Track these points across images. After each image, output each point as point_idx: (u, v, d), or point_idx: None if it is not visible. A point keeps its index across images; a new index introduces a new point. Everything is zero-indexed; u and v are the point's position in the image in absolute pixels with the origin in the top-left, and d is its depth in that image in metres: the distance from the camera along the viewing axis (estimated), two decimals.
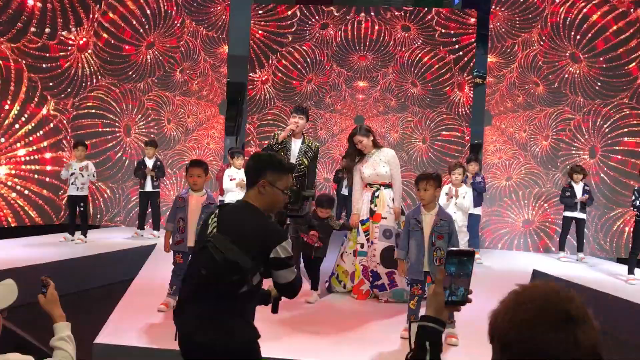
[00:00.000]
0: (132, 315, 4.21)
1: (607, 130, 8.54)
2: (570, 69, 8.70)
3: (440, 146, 9.45)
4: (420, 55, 9.41)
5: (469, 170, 7.12)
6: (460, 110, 9.38)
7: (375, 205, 5.11)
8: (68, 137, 8.58)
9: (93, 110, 8.87)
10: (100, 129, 8.93)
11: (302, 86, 9.61)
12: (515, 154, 9.00)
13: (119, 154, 9.00)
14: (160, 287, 4.69)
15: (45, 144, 8.32)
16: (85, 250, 6.65)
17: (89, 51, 8.79)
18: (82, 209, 7.21)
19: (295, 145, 5.13)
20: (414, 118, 9.47)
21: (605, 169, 8.48)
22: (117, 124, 9.04)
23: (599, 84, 8.57)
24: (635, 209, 6.33)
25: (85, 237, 7.20)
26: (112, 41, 8.91)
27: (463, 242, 5.99)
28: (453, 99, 9.38)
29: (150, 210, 7.83)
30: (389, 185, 5.13)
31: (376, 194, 5.13)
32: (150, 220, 8.01)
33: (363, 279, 5.11)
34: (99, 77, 8.88)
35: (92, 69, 8.84)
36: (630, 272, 6.37)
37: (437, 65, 9.41)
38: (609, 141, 8.53)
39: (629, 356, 4.79)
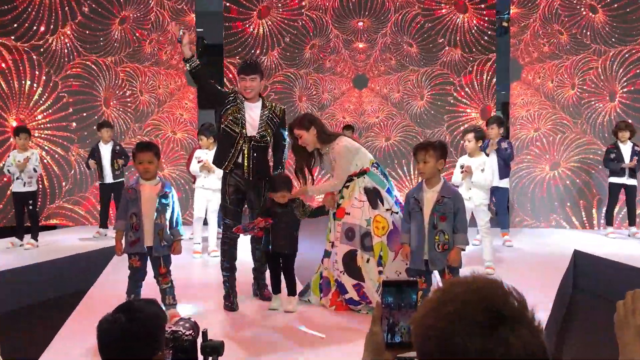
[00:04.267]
0: (82, 330, 4.25)
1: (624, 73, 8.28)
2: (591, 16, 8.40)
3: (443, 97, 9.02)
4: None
5: (490, 135, 7.02)
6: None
7: (342, 198, 4.79)
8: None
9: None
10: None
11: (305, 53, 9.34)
12: (543, 105, 8.66)
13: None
14: (120, 297, 4.68)
15: None
16: (36, 256, 6.73)
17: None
18: (30, 207, 7.25)
19: (254, 112, 4.81)
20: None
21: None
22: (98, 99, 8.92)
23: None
24: None
25: (37, 240, 7.26)
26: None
27: (483, 222, 5.94)
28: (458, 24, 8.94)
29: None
30: (360, 173, 4.78)
31: (347, 184, 4.80)
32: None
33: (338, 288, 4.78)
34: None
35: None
36: None
37: None
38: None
39: None
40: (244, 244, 5.18)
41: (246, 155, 4.77)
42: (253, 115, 4.81)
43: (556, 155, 8.58)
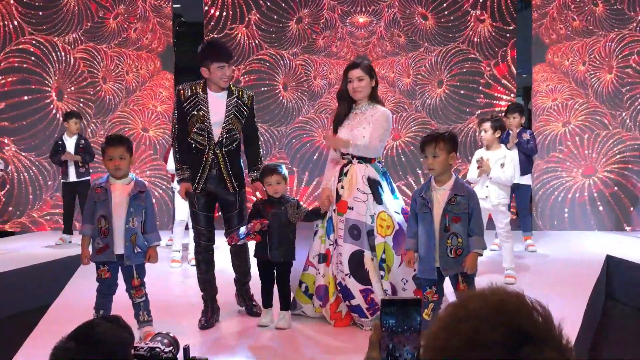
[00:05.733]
0: (43, 354, 4.24)
1: None
2: None
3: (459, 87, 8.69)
4: None
5: (510, 124, 7.03)
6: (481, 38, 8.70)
7: (342, 187, 4.78)
8: None
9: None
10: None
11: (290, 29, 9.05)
12: (573, 93, 8.43)
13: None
14: (87, 313, 4.71)
15: None
16: None
17: None
18: None
19: (218, 101, 4.75)
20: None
21: None
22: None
23: None
24: None
25: None
26: None
27: (503, 224, 5.96)
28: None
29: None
30: (365, 159, 4.79)
31: (345, 169, 4.82)
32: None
33: (340, 297, 4.79)
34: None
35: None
36: None
37: None
38: None
39: None
40: (224, 251, 5.19)
41: (222, 165, 4.76)
42: (217, 105, 4.76)
43: (591, 158, 8.35)
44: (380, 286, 4.66)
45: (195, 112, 4.73)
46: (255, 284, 5.07)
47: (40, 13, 8.75)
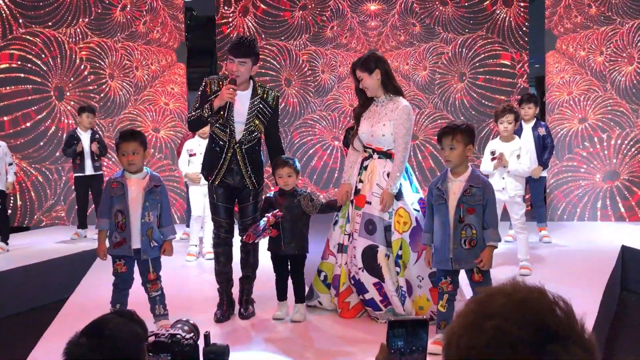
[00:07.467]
0: (60, 347, 4.28)
1: None
2: None
3: (486, 83, 8.52)
4: None
5: (526, 114, 7.00)
6: (508, 31, 8.52)
7: (361, 182, 4.80)
8: None
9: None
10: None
11: (294, 17, 8.80)
12: (591, 86, 8.20)
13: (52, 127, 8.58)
14: (104, 307, 4.74)
15: None
16: (6, 261, 6.76)
17: None
18: None
19: (241, 102, 4.70)
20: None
21: None
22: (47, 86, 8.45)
23: None
24: None
25: (6, 244, 7.34)
26: None
27: (518, 216, 5.95)
28: (497, 17, 8.48)
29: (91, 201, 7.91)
30: (386, 154, 4.76)
31: (365, 163, 4.82)
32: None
33: (350, 287, 4.81)
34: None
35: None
36: None
37: None
38: None
39: None
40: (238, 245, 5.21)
41: (241, 164, 4.76)
42: (240, 106, 4.72)
43: (609, 158, 8.14)
44: (394, 282, 4.67)
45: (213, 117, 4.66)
46: (269, 279, 5.06)
47: (43, 5, 8.43)
